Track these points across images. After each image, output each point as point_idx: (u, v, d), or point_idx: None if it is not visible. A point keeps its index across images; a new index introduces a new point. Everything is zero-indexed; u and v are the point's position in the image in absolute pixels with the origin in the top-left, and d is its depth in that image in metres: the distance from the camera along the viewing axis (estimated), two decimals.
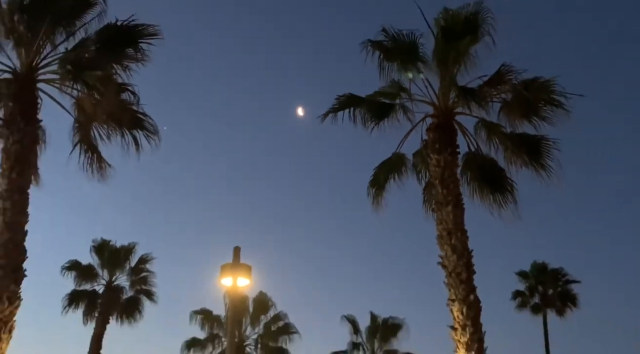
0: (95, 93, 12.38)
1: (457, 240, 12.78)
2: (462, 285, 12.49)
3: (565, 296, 41.55)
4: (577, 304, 41.14)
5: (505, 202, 13.92)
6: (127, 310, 29.37)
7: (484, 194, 14.15)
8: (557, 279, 42.05)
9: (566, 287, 41.82)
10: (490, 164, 14.05)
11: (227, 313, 26.26)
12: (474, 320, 12.28)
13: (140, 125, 13.44)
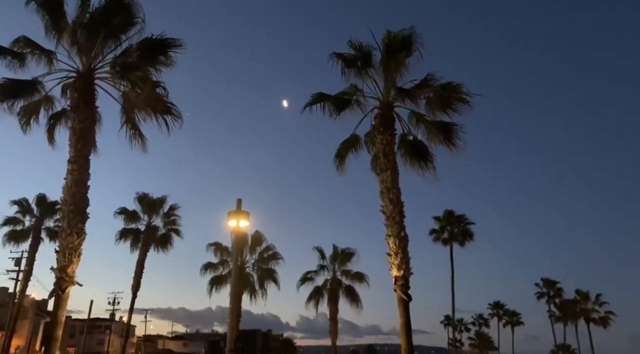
0: (137, 88, 12.57)
1: (394, 195, 13.00)
2: (396, 225, 12.73)
3: (466, 233, 42.69)
4: (474, 239, 42.48)
5: (427, 168, 14.12)
6: (161, 243, 29.39)
7: (413, 163, 14.31)
8: (460, 222, 43.10)
9: (466, 227, 42.92)
10: (418, 143, 14.22)
11: (233, 245, 26.43)
12: (403, 249, 12.57)
13: (169, 112, 13.35)
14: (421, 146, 14.04)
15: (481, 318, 72.89)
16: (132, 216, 29.54)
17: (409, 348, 11.92)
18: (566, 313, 54.90)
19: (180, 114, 13.40)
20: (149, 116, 13.42)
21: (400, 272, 12.39)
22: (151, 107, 13.17)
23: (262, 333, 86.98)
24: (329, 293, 33.89)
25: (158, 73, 12.96)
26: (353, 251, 34.81)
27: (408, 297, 12.20)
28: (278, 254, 29.56)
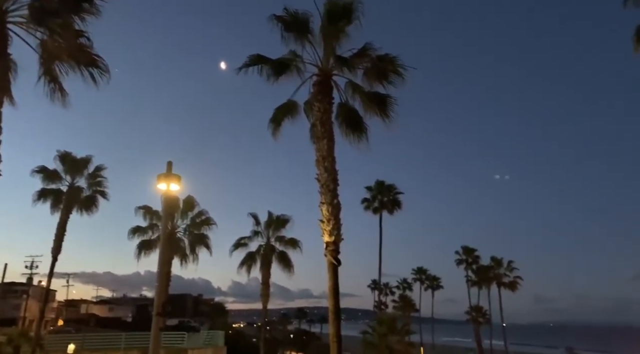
0: (56, 36, 11.37)
1: (329, 163, 13.15)
2: (329, 193, 12.95)
3: (395, 203, 44.49)
4: (402, 208, 44.44)
5: (361, 139, 14.36)
6: (85, 205, 27.82)
7: (349, 133, 14.44)
8: (390, 191, 44.76)
9: (396, 197, 44.69)
10: (354, 113, 14.35)
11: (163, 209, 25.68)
12: (336, 216, 12.86)
13: (95, 64, 12.33)
14: (357, 117, 14.22)
15: (405, 282, 77.28)
16: (53, 176, 27.54)
17: (336, 310, 12.40)
18: (481, 278, 59.60)
19: (107, 68, 12.48)
20: (72, 69, 12.35)
21: (332, 238, 12.71)
22: (74, 58, 12.09)
23: (192, 297, 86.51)
24: (262, 258, 34.18)
25: (83, 22, 11.86)
26: (288, 217, 35.15)
27: (337, 262, 12.60)
28: (211, 219, 29.17)
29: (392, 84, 13.29)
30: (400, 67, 12.89)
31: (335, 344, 11.92)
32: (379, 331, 32.51)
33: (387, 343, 31.81)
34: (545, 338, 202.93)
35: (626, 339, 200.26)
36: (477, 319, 61.73)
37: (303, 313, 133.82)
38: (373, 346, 32.14)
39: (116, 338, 26.37)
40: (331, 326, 12.32)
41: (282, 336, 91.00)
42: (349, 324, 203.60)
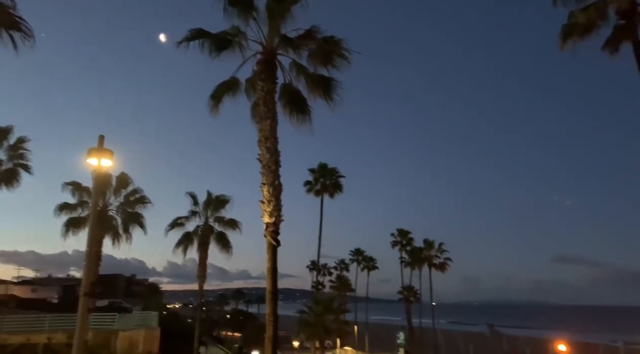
0: None
1: (271, 144, 13.05)
2: (271, 174, 12.91)
3: (336, 186, 45.27)
4: (343, 191, 45.27)
5: (305, 121, 14.35)
6: (5, 179, 25.76)
7: (292, 114, 14.37)
8: (332, 174, 45.44)
9: (337, 180, 45.46)
10: (298, 94, 14.28)
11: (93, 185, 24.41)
12: (277, 197, 12.87)
13: (17, 27, 11.35)
14: (301, 98, 14.17)
15: (343, 263, 79.26)
16: None
17: (274, 290, 12.52)
18: (414, 259, 62.40)
19: (31, 32, 11.55)
20: None
21: (272, 219, 12.73)
22: None
23: (124, 277, 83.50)
24: (199, 238, 33.59)
25: None
26: (227, 198, 34.69)
27: (277, 242, 12.67)
28: (146, 198, 28.14)
29: (337, 68, 13.34)
30: (346, 50, 12.95)
31: (271, 323, 12.07)
32: (315, 310, 33.32)
33: (323, 322, 32.70)
34: (470, 316, 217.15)
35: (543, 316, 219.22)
36: (409, 299, 64.80)
37: (241, 293, 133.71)
38: (309, 325, 32.92)
39: (39, 320, 24.96)
40: (268, 306, 12.44)
41: (219, 317, 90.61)
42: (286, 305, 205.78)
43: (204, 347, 41.40)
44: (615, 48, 16.61)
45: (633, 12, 16.00)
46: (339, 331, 34.26)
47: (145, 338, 26.73)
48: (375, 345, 64.89)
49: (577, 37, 16.72)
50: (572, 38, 16.82)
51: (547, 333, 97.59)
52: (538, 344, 69.09)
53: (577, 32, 16.71)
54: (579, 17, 16.67)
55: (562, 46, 17.06)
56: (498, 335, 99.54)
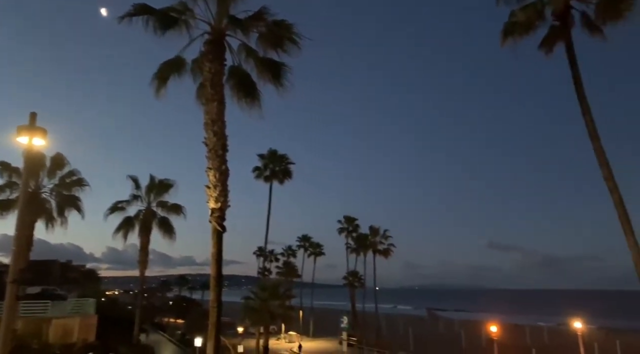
0: None
1: (218, 127, 12.74)
2: (217, 159, 12.63)
3: (286, 172, 45.16)
4: (292, 177, 45.26)
5: (254, 105, 14.08)
6: None
7: (241, 98, 14.05)
8: (282, 161, 45.26)
9: (287, 166, 45.34)
10: (247, 77, 13.99)
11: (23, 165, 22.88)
12: (223, 182, 12.63)
13: None
14: (250, 82, 13.91)
15: (290, 249, 79.61)
16: None
17: (218, 276, 12.36)
18: (360, 245, 63.77)
19: None
20: None
21: (218, 204, 12.50)
22: None
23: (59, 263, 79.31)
24: (141, 223, 32.56)
25: None
26: (171, 182, 33.77)
27: (222, 228, 12.48)
28: (83, 180, 26.76)
29: (288, 53, 13.18)
30: (297, 35, 12.80)
31: (215, 309, 11.95)
32: (261, 296, 33.37)
33: (269, 308, 32.85)
34: (412, 300, 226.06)
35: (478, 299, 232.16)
36: (353, 284, 66.28)
37: (185, 280, 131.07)
38: (254, 311, 32.95)
39: None
40: (212, 292, 12.29)
41: (161, 303, 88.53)
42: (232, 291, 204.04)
43: (144, 334, 40.39)
44: (550, 48, 17.57)
45: (567, 14, 16.97)
46: (284, 316, 34.57)
47: (80, 325, 25.68)
48: (320, 329, 66.05)
49: (517, 35, 17.51)
50: (512, 36, 17.59)
51: (480, 315, 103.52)
52: (472, 326, 73.20)
53: (517, 31, 17.49)
54: (518, 16, 17.45)
55: (503, 43, 17.81)
56: (436, 318, 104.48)
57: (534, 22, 17.49)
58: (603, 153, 15.89)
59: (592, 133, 16.09)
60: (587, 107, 16.29)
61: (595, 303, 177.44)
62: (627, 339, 50.36)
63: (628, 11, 15.58)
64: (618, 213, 15.41)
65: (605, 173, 15.76)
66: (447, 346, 53.86)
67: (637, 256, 14.92)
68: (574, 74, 16.52)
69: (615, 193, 15.46)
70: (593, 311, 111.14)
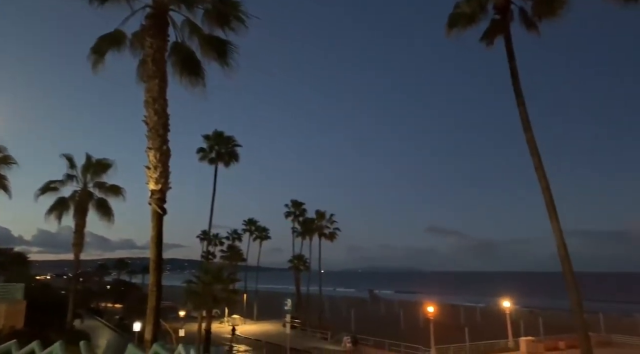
0: None
1: (159, 106, 12.28)
2: (158, 138, 12.21)
3: (232, 155, 44.42)
4: (238, 160, 44.63)
5: (197, 83, 13.66)
6: None
7: (184, 76, 13.59)
8: (228, 143, 44.43)
9: (233, 148, 44.59)
10: (190, 55, 13.52)
11: None
12: (164, 163, 12.26)
13: None
14: (194, 59, 13.46)
15: (235, 233, 78.88)
16: None
17: (158, 259, 12.06)
18: (306, 229, 64.32)
19: None
20: None
21: (158, 186, 12.14)
22: None
23: None
24: (76, 205, 31.00)
25: None
26: (110, 162, 32.26)
27: (163, 210, 12.14)
28: (10, 157, 25.07)
29: (234, 31, 12.84)
30: (243, 13, 12.49)
31: (154, 293, 11.67)
32: (204, 280, 32.93)
33: (212, 291, 32.50)
34: (355, 282, 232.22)
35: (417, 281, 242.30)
36: (298, 267, 66.95)
37: (124, 263, 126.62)
38: (197, 295, 32.50)
39: None
40: (152, 275, 11.98)
41: (98, 288, 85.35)
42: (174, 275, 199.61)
43: (79, 320, 38.81)
44: (491, 40, 18.34)
45: (507, 9, 17.75)
46: (228, 300, 34.37)
47: (7, 312, 24.22)
48: (264, 312, 66.40)
49: (461, 26, 18.12)
50: (456, 27, 18.18)
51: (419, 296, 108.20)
52: (411, 307, 76.45)
53: (461, 22, 18.10)
54: (463, 7, 18.05)
55: (448, 34, 18.37)
56: (377, 299, 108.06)
57: (477, 15, 18.15)
58: (534, 143, 16.93)
59: (525, 124, 17.08)
60: (522, 100, 17.23)
61: (523, 284, 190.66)
62: (548, 316, 54.63)
63: (561, 9, 16.52)
64: (545, 200, 16.55)
65: (535, 162, 16.83)
66: (387, 326, 55.95)
67: (559, 239, 16.14)
68: (511, 67, 17.37)
69: (543, 181, 16.57)
70: (521, 292, 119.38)
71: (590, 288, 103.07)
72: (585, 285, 63.22)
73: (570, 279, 15.95)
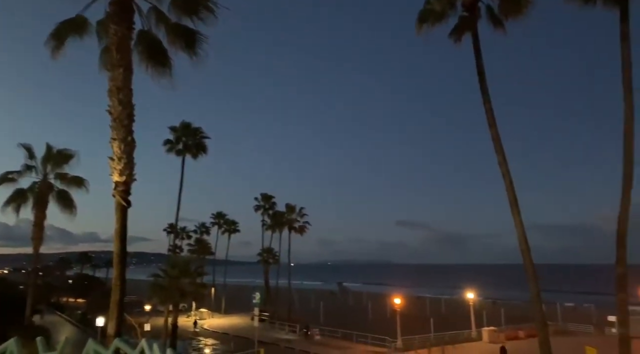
0: None
1: (124, 95, 11.93)
2: (123, 129, 11.87)
3: (200, 146, 43.77)
4: (207, 152, 44.03)
5: (164, 73, 13.34)
6: None
7: (150, 65, 13.22)
8: (196, 135, 43.74)
9: (201, 140, 43.94)
10: (157, 44, 13.17)
11: None
12: (129, 154, 11.94)
13: None
14: (161, 49, 13.13)
15: (203, 226, 77.97)
16: None
17: (122, 253, 11.79)
18: (276, 223, 64.22)
19: None
20: None
21: (122, 178, 11.83)
22: None
23: None
24: (35, 196, 29.92)
25: None
26: (72, 152, 31.27)
27: (127, 203, 11.86)
28: None
29: (203, 21, 12.59)
30: (212, 3, 12.25)
31: (117, 287, 11.41)
32: (170, 273, 32.45)
33: (179, 285, 32.08)
34: (324, 275, 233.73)
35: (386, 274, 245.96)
36: (268, 260, 66.89)
37: (87, 257, 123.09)
38: (163, 289, 32.01)
39: None
40: (115, 269, 11.70)
41: (60, 282, 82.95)
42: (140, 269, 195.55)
43: (38, 315, 37.64)
44: (459, 37, 18.67)
45: (474, 7, 18.09)
46: (195, 293, 34.03)
47: None
48: (232, 306, 66.06)
49: (431, 23, 18.36)
50: (426, 23, 18.41)
51: (387, 289, 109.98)
52: (379, 299, 77.68)
53: (431, 19, 18.34)
54: (433, 4, 18.28)
55: (418, 30, 18.59)
56: (346, 292, 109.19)
57: (446, 11, 18.43)
58: (499, 140, 17.41)
59: (490, 121, 17.53)
60: (488, 98, 17.65)
61: (488, 276, 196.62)
62: (510, 307, 56.63)
63: (526, 8, 16.97)
64: (508, 195, 17.08)
65: (499, 159, 17.31)
66: (356, 318, 56.70)
67: (521, 233, 16.73)
68: (477, 65, 17.75)
69: (507, 177, 17.09)
70: (486, 284, 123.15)
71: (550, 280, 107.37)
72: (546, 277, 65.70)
73: (530, 271, 16.55)
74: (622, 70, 15.51)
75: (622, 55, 15.57)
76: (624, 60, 15.49)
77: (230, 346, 39.27)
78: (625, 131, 15.39)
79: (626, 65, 15.46)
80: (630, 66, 15.47)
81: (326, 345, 38.98)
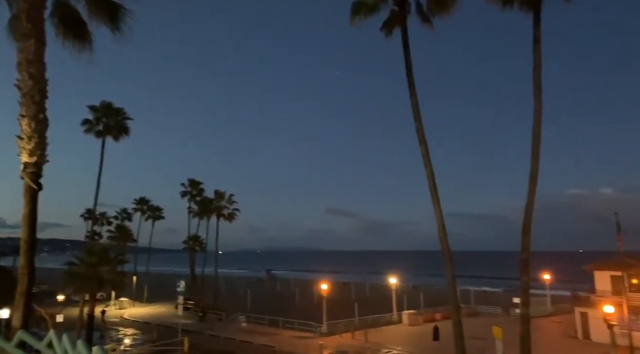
0: None
1: (36, 69, 10.99)
2: (34, 105, 10.96)
3: (122, 128, 41.50)
4: (129, 133, 41.86)
5: (83, 48, 12.46)
6: None
7: (67, 38, 12.28)
8: (118, 115, 41.39)
9: (123, 121, 41.66)
10: (75, 15, 12.27)
11: None
12: (40, 133, 11.06)
13: None
14: (79, 21, 12.23)
15: (125, 212, 74.27)
16: None
17: (31, 240, 10.97)
18: (203, 210, 62.68)
19: None
20: None
21: (33, 158, 10.96)
22: None
23: None
24: None
25: None
26: None
27: (38, 186, 11.01)
28: None
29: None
30: None
31: (24, 276, 10.61)
32: (88, 261, 30.71)
33: (97, 273, 30.42)
34: (253, 263, 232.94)
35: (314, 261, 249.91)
36: (194, 248, 65.29)
37: None
38: (79, 277, 30.22)
39: None
40: (23, 257, 10.87)
41: None
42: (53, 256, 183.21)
43: None
44: (390, 31, 19.23)
45: (405, 2, 18.71)
46: (115, 282, 32.49)
47: None
48: (155, 294, 63.86)
49: (363, 15, 18.72)
50: (359, 15, 18.74)
51: (315, 275, 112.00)
52: (306, 285, 78.92)
53: (364, 11, 18.69)
54: None
55: (352, 21, 18.88)
56: (274, 279, 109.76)
57: (378, 5, 18.86)
58: (422, 133, 18.28)
59: (416, 114, 18.34)
60: (414, 90, 18.43)
61: (411, 261, 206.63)
62: (429, 291, 60.12)
63: (452, 7, 17.85)
64: (429, 185, 18.05)
65: (422, 150, 18.21)
66: (283, 304, 57.26)
67: (440, 222, 17.79)
68: (405, 58, 18.44)
69: (428, 168, 18.03)
70: (408, 269, 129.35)
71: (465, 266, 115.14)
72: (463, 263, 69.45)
73: (447, 257, 17.69)
74: (533, 71, 16.89)
75: (534, 57, 16.93)
76: (536, 62, 16.87)
77: (153, 335, 38.09)
78: (534, 129, 16.82)
79: (537, 67, 16.84)
80: (540, 67, 16.88)
81: (252, 332, 39.03)
